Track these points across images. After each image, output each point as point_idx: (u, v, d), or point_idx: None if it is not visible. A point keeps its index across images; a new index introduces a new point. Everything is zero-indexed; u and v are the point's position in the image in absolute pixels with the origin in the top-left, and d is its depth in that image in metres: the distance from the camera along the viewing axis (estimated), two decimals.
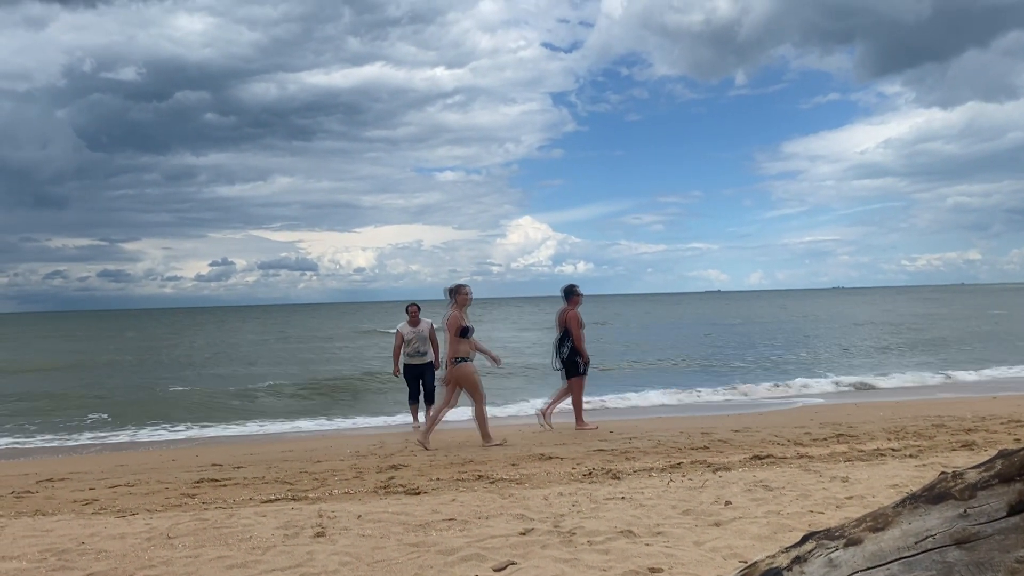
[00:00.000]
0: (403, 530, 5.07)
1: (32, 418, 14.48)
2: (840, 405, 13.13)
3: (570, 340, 10.69)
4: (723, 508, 5.33)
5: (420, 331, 11.95)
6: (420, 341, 11.94)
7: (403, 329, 12.08)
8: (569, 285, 10.93)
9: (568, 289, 10.91)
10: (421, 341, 11.95)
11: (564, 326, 10.75)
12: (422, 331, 11.96)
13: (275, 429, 12.95)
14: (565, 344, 10.75)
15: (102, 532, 5.36)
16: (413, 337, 11.93)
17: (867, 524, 3.07)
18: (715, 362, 23.20)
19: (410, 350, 11.97)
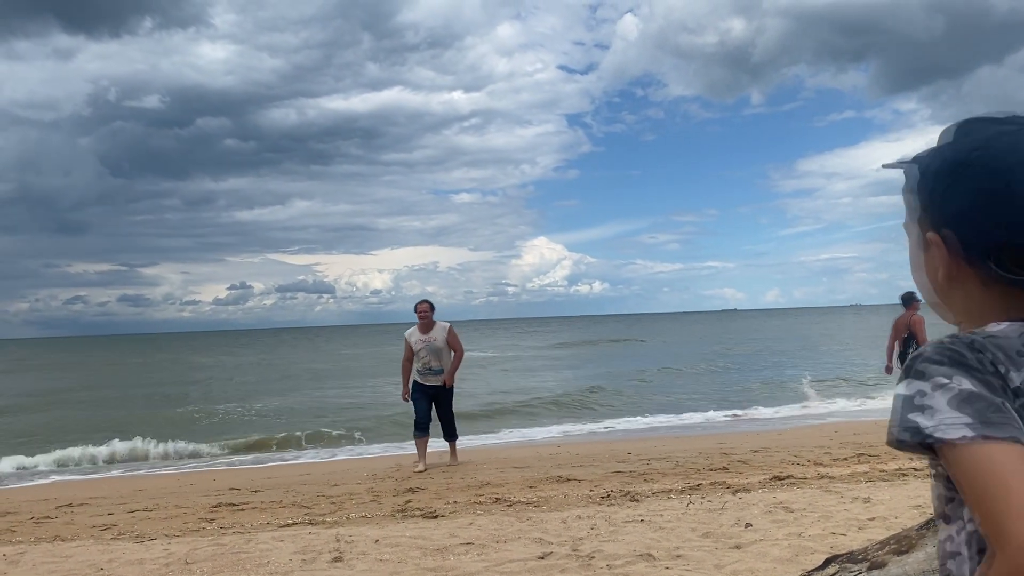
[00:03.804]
0: (421, 554, 5.05)
1: (51, 443, 14.53)
2: (860, 423, 13.00)
3: (915, 343, 10.96)
4: (743, 530, 5.27)
5: (432, 340, 9.28)
6: (432, 353, 9.26)
7: (411, 337, 9.44)
8: (909, 292, 11.24)
9: (908, 296, 11.26)
10: (434, 353, 9.26)
11: (909, 330, 11.10)
12: (434, 340, 9.28)
13: (292, 451, 12.96)
14: (910, 347, 11.02)
15: (120, 558, 5.36)
16: (423, 348, 9.28)
17: (891, 547, 3.04)
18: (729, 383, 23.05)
19: (420, 365, 9.33)
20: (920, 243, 1.00)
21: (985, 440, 0.81)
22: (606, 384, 22.51)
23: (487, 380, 25.28)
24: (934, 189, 0.96)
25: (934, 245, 0.97)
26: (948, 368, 0.86)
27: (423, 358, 9.26)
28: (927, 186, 0.97)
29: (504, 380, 25.90)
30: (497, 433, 14.08)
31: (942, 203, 0.95)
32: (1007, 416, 0.82)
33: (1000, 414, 0.82)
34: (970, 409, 0.82)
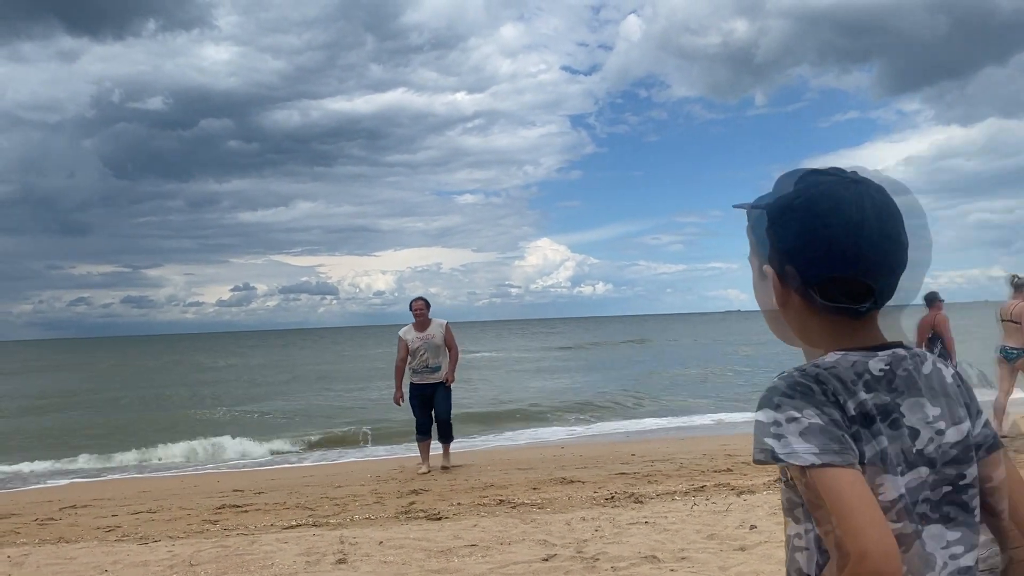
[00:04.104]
0: (425, 556, 5.04)
1: (54, 445, 14.54)
2: None
3: (940, 343, 11.05)
4: (748, 532, 5.26)
5: (430, 337, 9.09)
6: (431, 351, 9.06)
7: (407, 335, 9.18)
8: (932, 292, 11.37)
9: (931, 296, 11.34)
10: (432, 351, 9.07)
11: (932, 330, 11.16)
12: (432, 337, 9.10)
13: (295, 452, 12.96)
14: (935, 347, 11.05)
15: (125, 560, 5.37)
16: (420, 345, 9.06)
17: None
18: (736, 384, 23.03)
19: (417, 364, 9.09)
20: (759, 274, 1.20)
21: (827, 467, 0.99)
22: (611, 386, 22.49)
23: (491, 381, 25.28)
24: (768, 229, 1.14)
25: (768, 277, 1.16)
26: (799, 402, 1.03)
27: (422, 355, 9.03)
28: (763, 226, 1.15)
29: (507, 381, 25.89)
30: (500, 434, 14.06)
31: (774, 241, 1.13)
32: (846, 446, 1.01)
33: (840, 444, 1.00)
34: (815, 440, 1.00)
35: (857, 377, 1.06)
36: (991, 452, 1.14)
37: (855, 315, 1.10)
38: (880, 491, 1.03)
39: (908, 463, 1.06)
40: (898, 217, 1.10)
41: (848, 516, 0.96)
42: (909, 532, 1.04)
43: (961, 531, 1.08)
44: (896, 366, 1.09)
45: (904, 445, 1.06)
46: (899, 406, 1.07)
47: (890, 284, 1.10)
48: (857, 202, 1.08)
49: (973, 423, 1.13)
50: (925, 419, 1.08)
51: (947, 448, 1.08)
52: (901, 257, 1.10)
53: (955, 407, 1.12)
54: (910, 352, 1.13)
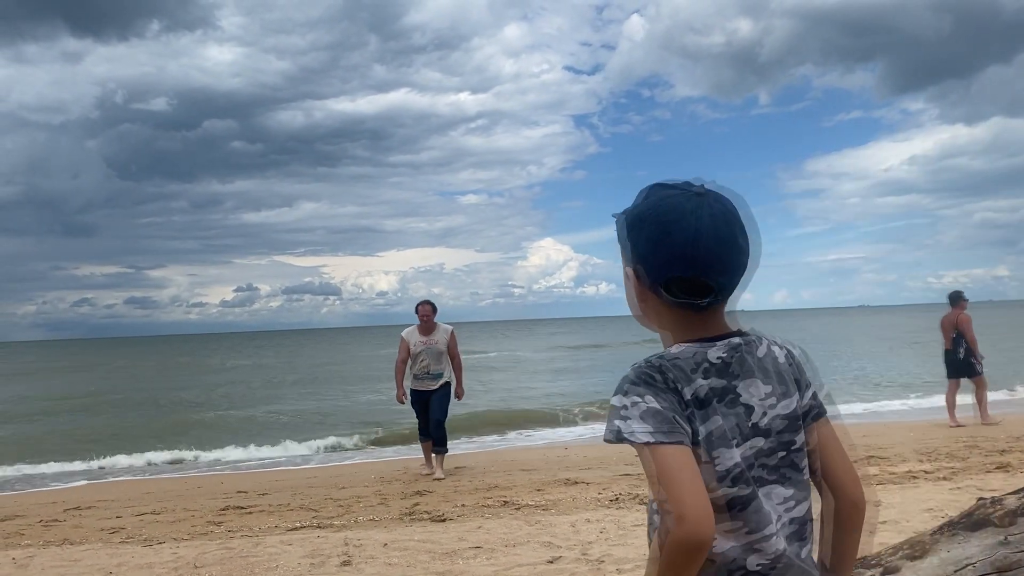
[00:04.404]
0: (429, 558, 5.04)
1: (59, 446, 14.57)
2: (869, 424, 12.93)
3: (965, 342, 11.19)
4: None
5: (433, 343, 8.77)
6: (432, 358, 8.75)
7: (409, 337, 8.87)
8: (956, 291, 11.50)
9: (955, 295, 11.50)
10: (433, 358, 8.75)
11: (956, 329, 11.28)
12: (436, 343, 8.77)
13: (299, 454, 12.96)
14: (960, 346, 11.23)
15: (129, 562, 5.37)
16: (422, 350, 8.74)
17: (904, 552, 3.00)
18: None
19: (418, 369, 8.78)
20: (624, 275, 1.39)
21: (658, 444, 1.19)
22: None
23: (498, 382, 25.26)
24: (627, 236, 1.34)
25: (629, 277, 1.36)
26: (642, 388, 1.24)
27: (422, 361, 8.73)
28: (624, 233, 1.35)
29: (512, 381, 25.88)
30: (504, 435, 14.04)
31: (631, 246, 1.33)
32: (676, 427, 1.21)
33: (670, 425, 1.21)
34: (651, 422, 1.20)
35: (696, 366, 1.27)
36: (815, 420, 1.37)
37: (698, 309, 1.29)
38: (717, 462, 1.24)
39: (744, 436, 1.27)
40: (736, 225, 1.29)
41: (671, 485, 1.16)
42: (747, 493, 1.26)
43: (794, 488, 1.31)
44: (733, 353, 1.30)
45: (740, 420, 1.27)
46: (735, 387, 1.28)
47: (728, 283, 1.30)
48: (696, 212, 1.26)
49: (801, 395, 1.35)
50: (759, 396, 1.30)
51: (778, 419, 1.31)
52: (738, 260, 1.29)
53: (786, 383, 1.33)
54: (745, 339, 1.33)
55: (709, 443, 1.24)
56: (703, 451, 1.23)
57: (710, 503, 1.17)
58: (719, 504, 1.23)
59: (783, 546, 1.28)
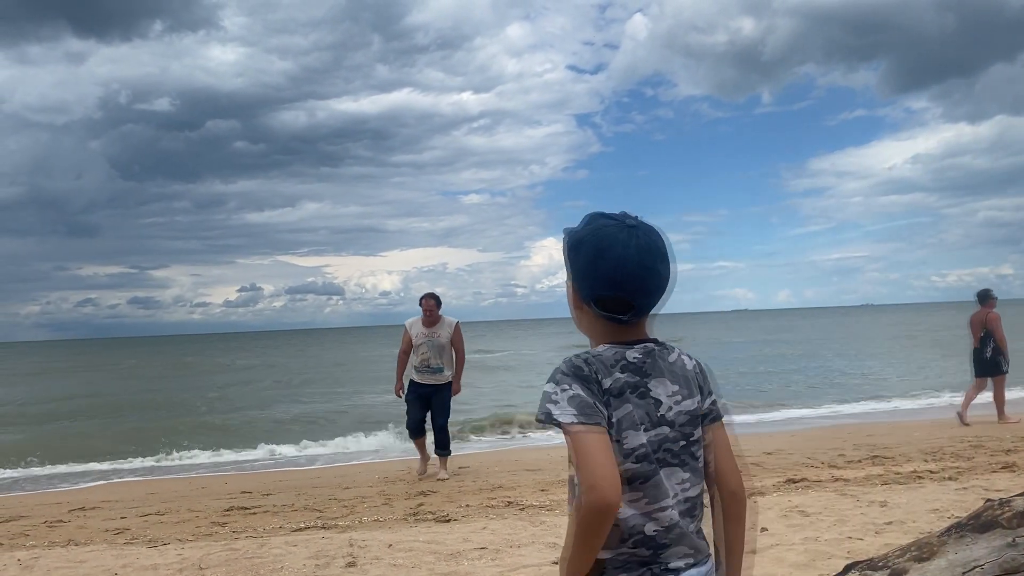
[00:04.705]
0: (434, 559, 5.03)
1: (63, 447, 14.58)
2: (874, 424, 12.91)
3: (993, 340, 11.26)
4: (759, 534, 5.23)
5: (435, 335, 8.56)
6: (433, 351, 8.52)
7: (412, 328, 8.65)
8: (984, 289, 11.60)
9: (984, 293, 11.55)
10: (435, 351, 8.52)
11: (984, 327, 11.35)
12: (438, 336, 8.56)
13: (303, 454, 12.95)
14: (988, 344, 11.30)
15: (135, 563, 5.36)
16: (424, 342, 8.53)
17: (911, 554, 2.99)
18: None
19: (418, 362, 8.57)
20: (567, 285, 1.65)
21: (581, 424, 1.44)
22: None
23: (501, 381, 25.24)
24: (568, 254, 1.60)
25: (569, 291, 1.64)
26: (570, 379, 1.50)
27: (423, 354, 8.50)
28: (566, 251, 1.61)
29: (517, 381, 25.87)
30: (509, 435, 14.03)
31: (571, 264, 1.60)
32: (595, 411, 1.46)
33: (591, 409, 1.46)
34: (575, 406, 1.46)
35: (615, 363, 1.53)
36: (712, 422, 1.63)
37: (620, 323, 1.57)
38: (625, 442, 1.50)
39: (652, 423, 1.53)
40: (658, 256, 1.55)
41: (586, 460, 1.42)
42: (648, 471, 1.52)
43: (691, 472, 1.58)
44: (647, 355, 1.56)
45: (649, 410, 1.53)
46: (647, 383, 1.54)
47: (648, 303, 1.57)
48: (626, 242, 1.52)
49: (703, 399, 1.62)
50: (667, 393, 1.56)
51: (682, 414, 1.57)
52: (657, 284, 1.56)
53: (691, 386, 1.60)
54: (660, 346, 1.60)
55: (620, 426, 1.50)
56: (614, 432, 1.49)
57: (618, 476, 1.42)
58: (625, 478, 1.48)
59: (677, 517, 1.54)
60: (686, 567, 1.55)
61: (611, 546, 1.50)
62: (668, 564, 1.53)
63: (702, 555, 1.60)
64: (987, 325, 11.32)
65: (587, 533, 1.44)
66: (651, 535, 1.52)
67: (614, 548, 1.51)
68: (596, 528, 1.43)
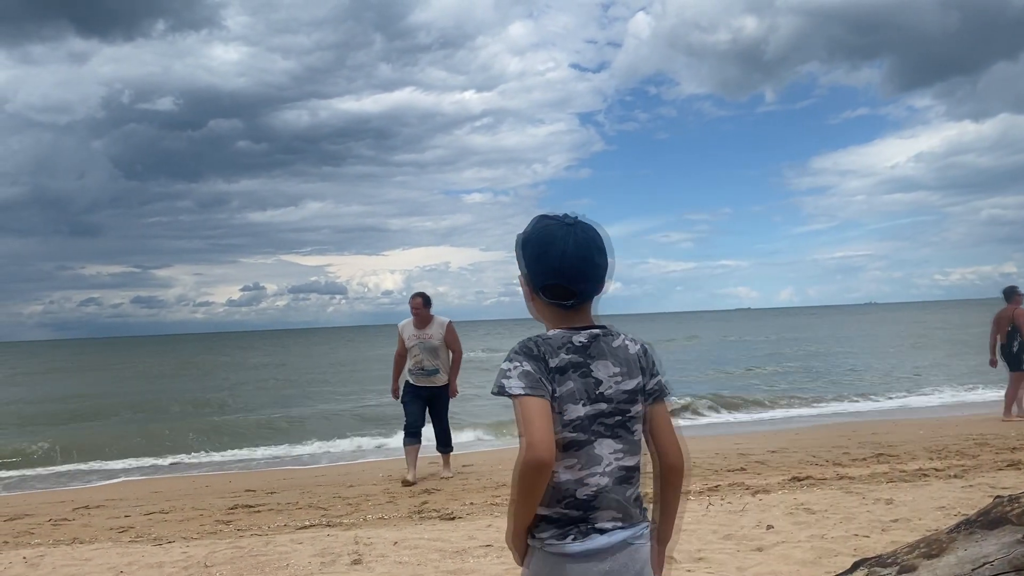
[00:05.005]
0: (440, 557, 5.02)
1: (67, 446, 14.59)
2: (878, 422, 12.89)
3: (1020, 336, 11.34)
4: (765, 532, 5.22)
5: (427, 337, 8.36)
6: (426, 353, 8.35)
7: (404, 330, 8.47)
8: (1011, 286, 11.66)
9: (1010, 290, 11.64)
10: (428, 352, 8.36)
11: (1012, 323, 11.46)
12: (429, 337, 8.36)
13: (307, 452, 12.96)
14: (1015, 339, 11.41)
15: (140, 561, 5.36)
16: (415, 345, 8.36)
17: (921, 550, 2.98)
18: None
19: (412, 365, 8.42)
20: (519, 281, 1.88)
21: (527, 396, 1.68)
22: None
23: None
24: (518, 252, 1.85)
25: (522, 284, 1.87)
26: (522, 357, 1.73)
27: (416, 356, 8.35)
28: (517, 250, 1.85)
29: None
30: (513, 434, 14.01)
31: (521, 259, 1.84)
32: (541, 385, 1.70)
33: (538, 383, 1.70)
34: (524, 380, 1.69)
35: (562, 344, 1.76)
36: (655, 400, 1.84)
37: (566, 308, 1.80)
38: (564, 414, 1.72)
39: (590, 399, 1.75)
40: (594, 248, 1.79)
41: (527, 423, 1.65)
42: (583, 439, 1.74)
43: (624, 444, 1.79)
44: (592, 339, 1.79)
45: (589, 388, 1.75)
46: (590, 364, 1.76)
47: (588, 290, 1.79)
48: (565, 238, 1.77)
49: (646, 380, 1.82)
50: (608, 373, 1.77)
51: (620, 392, 1.78)
52: (595, 273, 1.79)
53: (632, 368, 1.81)
54: (605, 331, 1.82)
55: (561, 400, 1.72)
56: (556, 405, 1.72)
57: (554, 438, 1.67)
58: (562, 444, 1.72)
59: (606, 482, 1.75)
60: (613, 528, 1.75)
61: (548, 504, 1.74)
62: (595, 524, 1.74)
63: (632, 519, 1.79)
64: (1015, 321, 11.39)
65: (526, 487, 1.68)
66: (581, 498, 1.74)
67: (550, 506, 1.74)
68: (533, 482, 1.67)
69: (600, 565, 1.73)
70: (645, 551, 1.82)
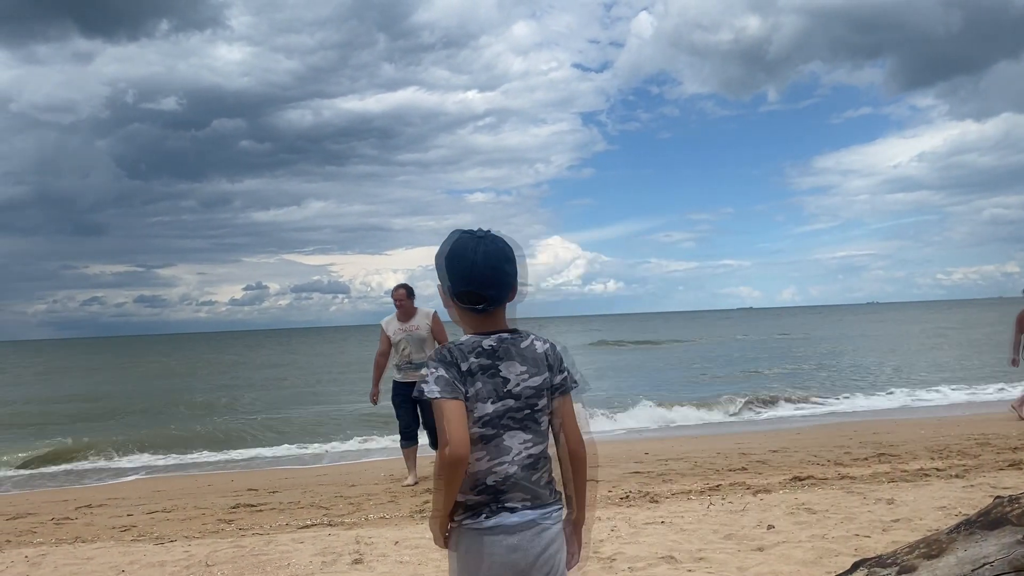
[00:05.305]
0: (441, 556, 5.02)
1: (70, 444, 14.61)
2: (879, 422, 12.88)
3: None
4: (766, 532, 5.22)
5: (413, 329, 8.06)
6: (413, 345, 8.03)
7: (388, 326, 8.14)
8: None
9: None
10: (415, 345, 8.03)
11: None
12: (416, 329, 8.05)
13: (309, 451, 12.97)
14: None
15: (141, 560, 5.37)
16: (402, 338, 8.06)
17: (920, 551, 2.98)
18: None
19: (399, 360, 8.13)
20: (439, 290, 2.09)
21: (443, 399, 1.89)
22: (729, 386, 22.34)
23: None
24: (436, 264, 2.04)
25: (440, 292, 2.07)
26: (438, 363, 1.95)
27: (403, 349, 8.06)
28: (436, 262, 2.05)
29: None
30: None
31: (439, 269, 2.04)
32: (455, 388, 1.91)
33: (453, 386, 1.91)
34: (441, 384, 1.91)
35: (472, 349, 1.97)
36: (561, 394, 2.04)
37: (477, 312, 2.00)
38: (476, 411, 1.93)
39: (499, 396, 1.96)
40: (502, 258, 1.99)
41: (445, 423, 1.87)
42: (492, 434, 1.96)
43: (532, 434, 2.00)
44: (500, 343, 1.99)
45: (497, 387, 1.96)
46: (498, 365, 1.97)
47: (497, 295, 1.99)
48: (475, 249, 1.97)
49: (553, 376, 2.03)
50: (515, 373, 1.98)
51: (528, 389, 1.99)
52: (503, 281, 1.99)
53: (539, 366, 2.01)
54: (513, 334, 2.03)
55: (473, 399, 1.94)
56: (469, 404, 1.93)
57: (468, 436, 1.88)
58: (474, 438, 1.93)
59: (514, 470, 1.97)
60: (522, 508, 1.98)
61: (464, 491, 1.96)
62: (505, 505, 1.97)
63: (541, 501, 2.01)
64: None
65: (445, 479, 1.90)
66: (491, 484, 1.96)
67: (465, 493, 1.96)
68: (451, 475, 1.89)
69: (509, 539, 1.96)
70: (553, 532, 2.02)
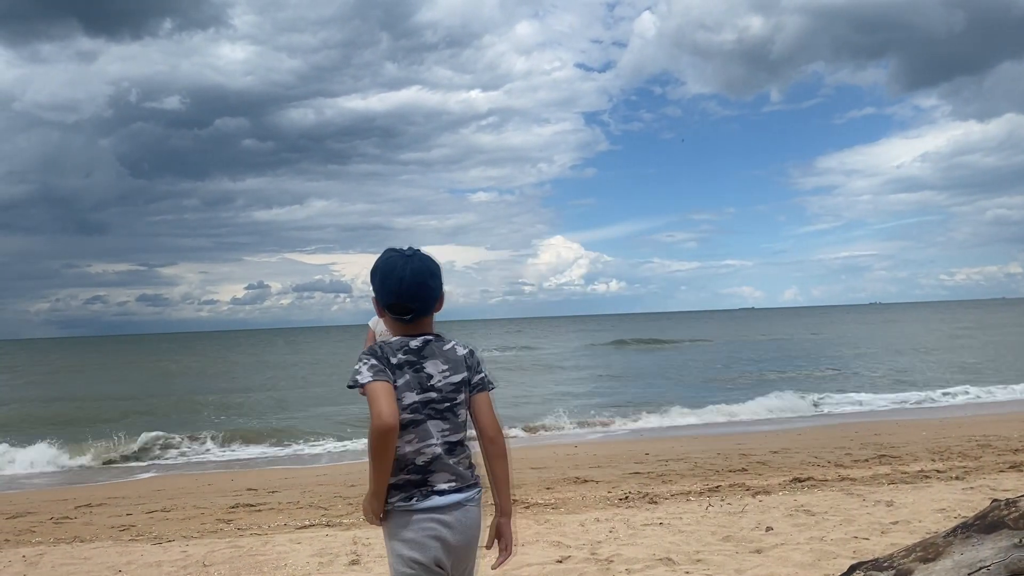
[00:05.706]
0: None
1: (69, 443, 14.61)
2: (881, 423, 12.86)
3: None
4: (764, 534, 5.20)
5: None
6: None
7: (377, 326, 9.29)
8: None
9: None
10: None
11: None
12: None
13: (309, 451, 12.97)
14: None
15: (139, 560, 5.37)
16: None
17: (917, 554, 2.97)
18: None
19: None
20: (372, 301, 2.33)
21: (374, 381, 2.11)
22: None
23: (510, 380, 25.22)
24: (370, 278, 2.30)
25: (374, 303, 2.32)
26: (368, 356, 2.18)
27: None
28: (370, 276, 2.30)
29: (526, 379, 25.86)
30: (514, 436, 14.01)
31: (373, 283, 2.29)
32: (385, 373, 2.14)
33: (382, 372, 2.14)
34: (372, 371, 2.13)
35: (400, 347, 2.21)
36: (478, 391, 2.27)
37: (405, 322, 2.25)
38: (403, 399, 2.14)
39: (422, 389, 2.18)
40: (429, 273, 2.26)
41: (375, 399, 2.07)
42: (419, 419, 2.17)
43: (450, 424, 2.22)
44: (425, 344, 2.23)
45: (421, 381, 2.19)
46: (423, 362, 2.21)
47: (422, 306, 2.24)
48: (403, 266, 2.23)
49: (471, 375, 2.26)
50: (438, 370, 2.22)
51: (448, 384, 2.22)
52: (428, 293, 2.25)
53: (459, 366, 2.25)
54: (437, 338, 2.26)
55: (400, 390, 2.15)
56: (397, 393, 2.14)
57: (396, 409, 2.09)
58: (403, 424, 2.13)
59: (439, 452, 2.19)
60: (449, 490, 2.19)
61: (394, 473, 2.16)
62: (434, 486, 2.18)
63: (464, 481, 2.23)
64: None
65: (377, 451, 2.09)
66: (419, 464, 2.18)
67: (396, 475, 2.17)
68: (383, 446, 2.08)
69: (440, 516, 2.17)
70: (476, 513, 2.26)
